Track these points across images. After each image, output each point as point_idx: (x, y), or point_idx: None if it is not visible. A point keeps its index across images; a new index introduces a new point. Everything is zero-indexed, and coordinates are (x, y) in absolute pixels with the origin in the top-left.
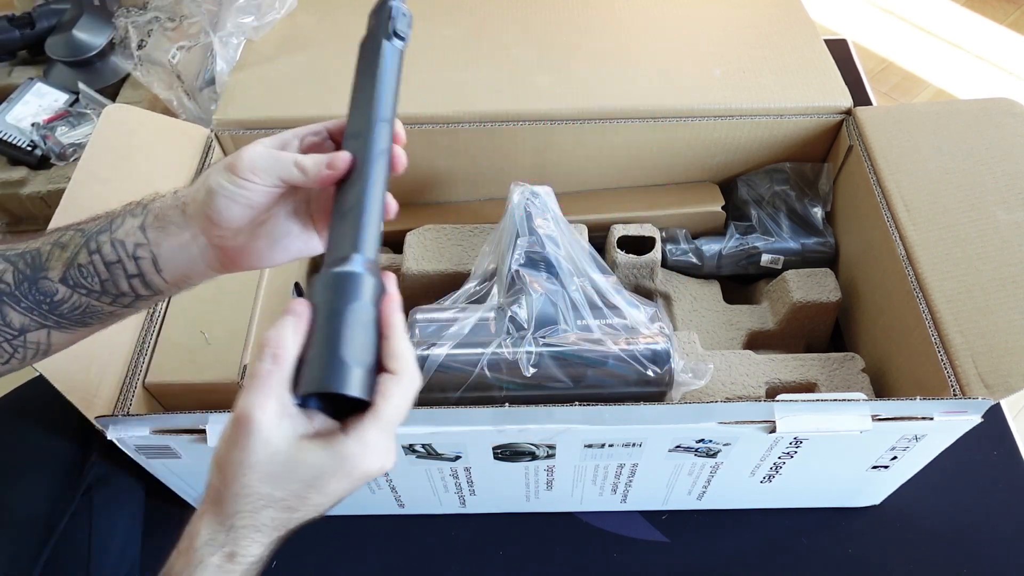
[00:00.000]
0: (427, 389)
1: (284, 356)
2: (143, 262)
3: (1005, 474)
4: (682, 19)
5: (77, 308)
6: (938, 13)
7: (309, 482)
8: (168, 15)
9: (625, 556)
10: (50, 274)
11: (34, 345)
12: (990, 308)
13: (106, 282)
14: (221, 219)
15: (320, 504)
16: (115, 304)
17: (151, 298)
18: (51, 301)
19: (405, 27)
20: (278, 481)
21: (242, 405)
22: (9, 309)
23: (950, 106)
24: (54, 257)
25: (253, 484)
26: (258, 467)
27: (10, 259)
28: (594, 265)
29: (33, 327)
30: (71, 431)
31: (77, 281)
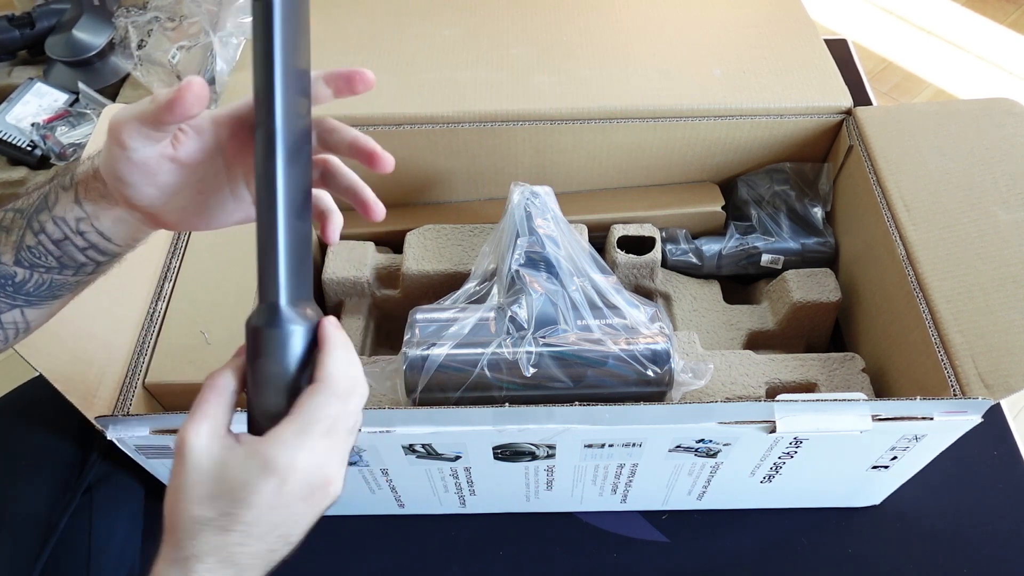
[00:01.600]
0: (427, 389)
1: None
2: (89, 235)
3: (1005, 474)
4: (682, 19)
5: (42, 285)
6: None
7: (235, 495)
8: (168, 15)
9: (625, 556)
10: (3, 258)
11: (12, 325)
12: (990, 308)
13: (61, 258)
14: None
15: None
16: (79, 274)
17: (112, 261)
18: (13, 283)
19: None
20: (207, 500)
21: (179, 435)
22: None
23: (950, 106)
24: (1, 242)
25: (188, 507)
26: (190, 488)
27: None
28: (594, 265)
29: (4, 308)
30: (71, 431)
31: (32, 262)
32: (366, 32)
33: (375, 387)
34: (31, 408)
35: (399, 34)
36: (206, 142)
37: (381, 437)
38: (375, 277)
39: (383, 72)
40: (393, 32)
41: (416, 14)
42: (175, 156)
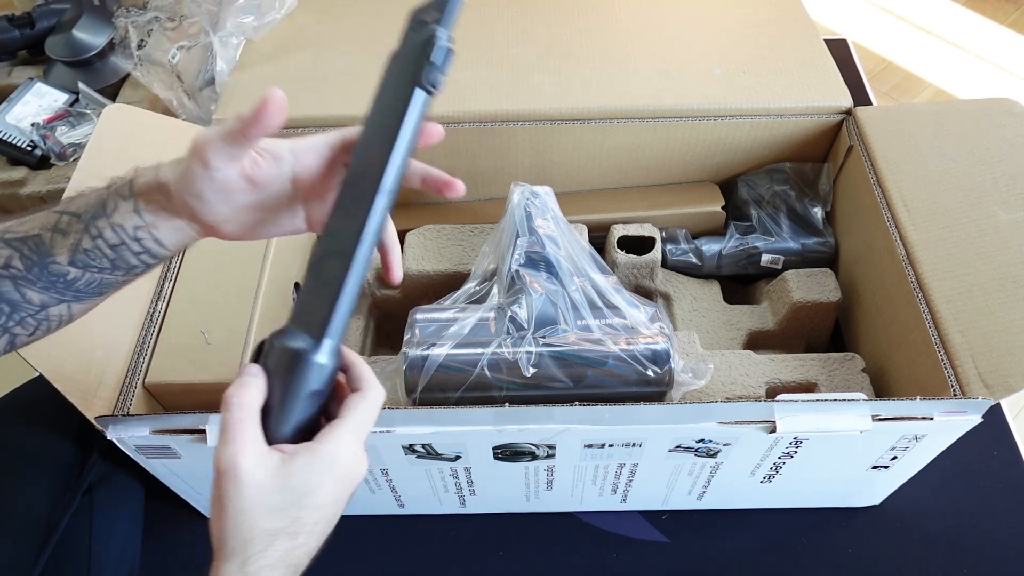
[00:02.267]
0: (427, 389)
1: (251, 406)
2: (145, 242)
3: (1005, 474)
4: (682, 19)
5: (92, 283)
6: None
7: (301, 496)
8: (168, 15)
9: (625, 556)
10: (58, 259)
11: (57, 317)
12: (990, 308)
13: (115, 260)
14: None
15: (316, 520)
16: (128, 275)
17: (160, 263)
18: (65, 280)
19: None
20: (276, 511)
21: (225, 458)
22: (27, 290)
23: (950, 106)
24: (57, 243)
25: (257, 524)
26: (256, 507)
27: (12, 244)
28: (594, 265)
29: (53, 302)
30: (71, 431)
31: (86, 263)
32: (366, 32)
33: None
34: (31, 408)
35: (399, 34)
36: (282, 168)
37: (381, 437)
38: (375, 277)
39: None
40: (393, 32)
41: None
42: (253, 178)
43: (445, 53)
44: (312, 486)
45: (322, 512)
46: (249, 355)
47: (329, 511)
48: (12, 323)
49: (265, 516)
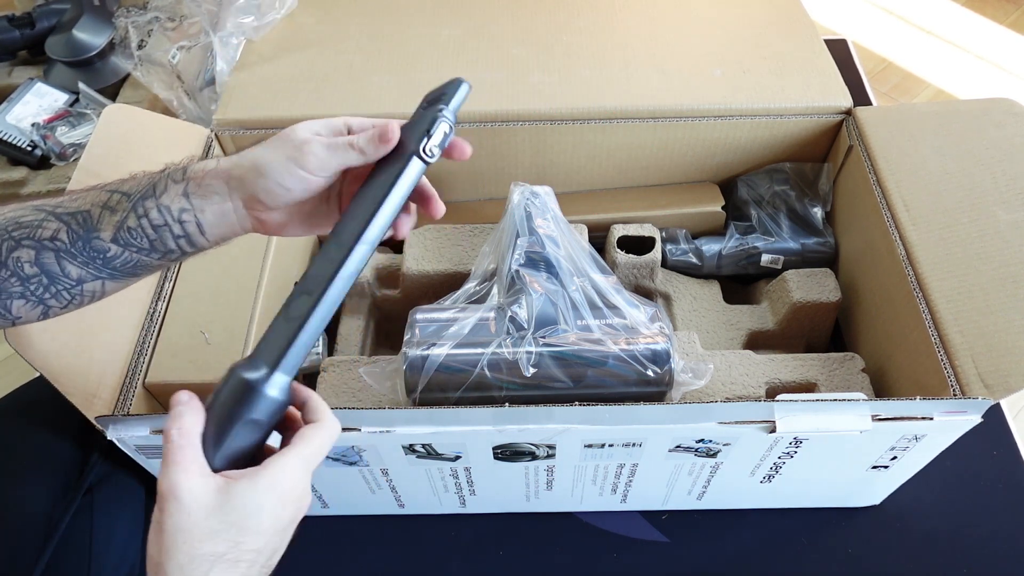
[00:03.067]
0: (427, 389)
1: (189, 431)
2: (188, 225)
3: (1005, 474)
4: (682, 19)
5: (129, 263)
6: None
7: (241, 519)
8: (168, 15)
9: (625, 556)
10: (102, 235)
11: (90, 292)
12: (990, 308)
13: (155, 241)
14: (269, 200)
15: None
16: (163, 259)
17: (195, 253)
18: (104, 257)
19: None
20: (215, 534)
21: (165, 481)
22: (67, 264)
23: (950, 106)
24: (104, 219)
25: (196, 547)
26: (195, 528)
27: (62, 218)
28: (594, 265)
29: (89, 278)
30: (71, 431)
31: (127, 241)
32: (366, 32)
33: (375, 387)
34: (31, 408)
35: (399, 34)
36: None
37: (381, 437)
38: (375, 277)
39: (383, 72)
40: (393, 32)
41: (416, 14)
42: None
43: (444, 133)
44: (252, 509)
45: (264, 539)
46: None
47: (271, 539)
48: (48, 295)
49: (204, 539)
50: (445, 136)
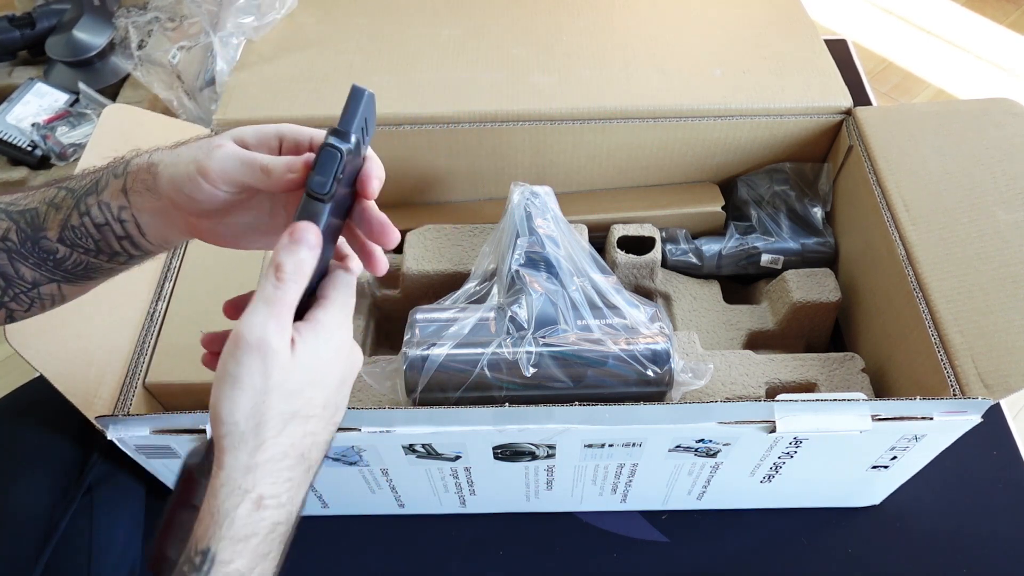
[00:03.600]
0: (427, 389)
1: (302, 284)
2: (128, 225)
3: (1005, 474)
4: (682, 19)
5: (79, 265)
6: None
7: (313, 376)
8: (168, 15)
9: (625, 556)
10: (48, 234)
11: (49, 296)
12: (990, 308)
13: (99, 242)
14: (187, 206)
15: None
16: (112, 262)
17: (143, 257)
18: (54, 259)
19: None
20: (295, 393)
21: (255, 331)
22: (20, 264)
23: (950, 106)
24: (50, 217)
25: (274, 406)
26: (277, 388)
27: (12, 217)
28: (594, 265)
29: (44, 281)
30: (71, 431)
31: (73, 241)
32: (366, 32)
33: (375, 387)
34: (31, 408)
35: (399, 34)
36: None
37: (381, 437)
38: (375, 277)
39: (383, 72)
40: (393, 32)
41: (416, 14)
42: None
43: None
44: (321, 362)
45: (329, 392)
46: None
47: (335, 393)
48: (7, 298)
49: (283, 398)
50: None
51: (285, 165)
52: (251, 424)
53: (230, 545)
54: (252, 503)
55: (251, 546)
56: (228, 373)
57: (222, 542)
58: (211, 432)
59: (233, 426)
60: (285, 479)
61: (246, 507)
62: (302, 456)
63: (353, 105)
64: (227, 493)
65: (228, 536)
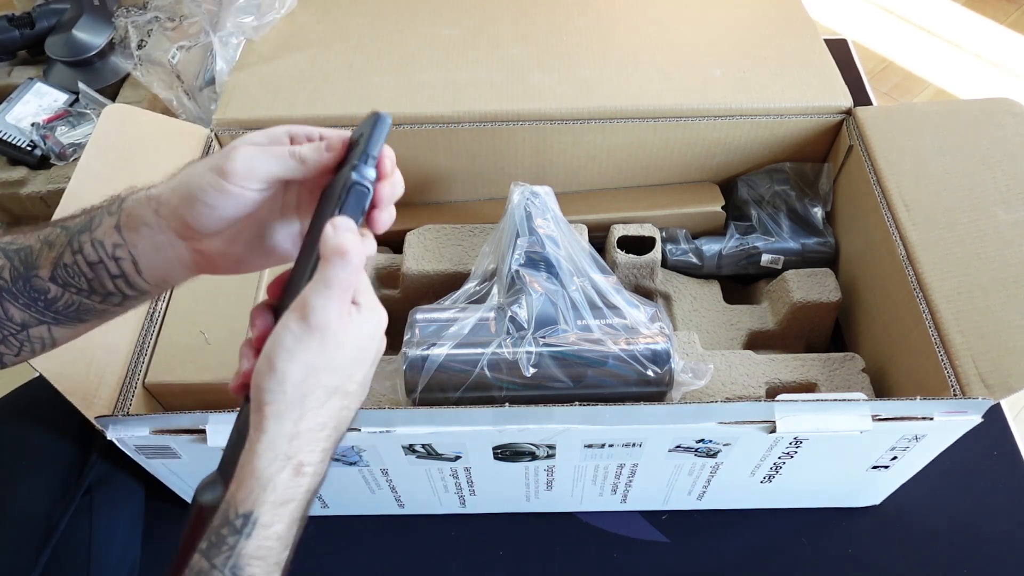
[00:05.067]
0: (427, 389)
1: (359, 269)
2: (123, 263)
3: (1005, 474)
4: (682, 19)
5: (71, 305)
6: (938, 13)
7: (356, 354)
8: (168, 15)
9: (625, 556)
10: (40, 272)
11: (38, 339)
12: (990, 308)
13: (92, 281)
14: (198, 224)
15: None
16: (105, 303)
17: (139, 298)
18: (45, 299)
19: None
20: (339, 367)
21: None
22: (9, 305)
23: (950, 106)
24: (43, 255)
25: (321, 378)
26: (330, 362)
27: (8, 255)
28: (594, 265)
29: (33, 323)
30: (71, 431)
31: (66, 280)
32: (366, 32)
33: (375, 387)
34: (31, 408)
35: (399, 34)
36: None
37: (381, 437)
38: (375, 277)
39: (383, 72)
40: (393, 32)
41: (416, 14)
42: None
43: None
44: (362, 342)
45: (365, 370)
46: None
47: (368, 371)
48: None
49: (330, 373)
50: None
51: (320, 146)
52: (298, 394)
53: (272, 509)
54: (293, 469)
55: (289, 510)
56: (283, 345)
57: (264, 506)
58: (253, 396)
59: (281, 395)
60: (321, 448)
61: (287, 473)
62: (336, 428)
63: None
64: (271, 459)
65: (270, 500)
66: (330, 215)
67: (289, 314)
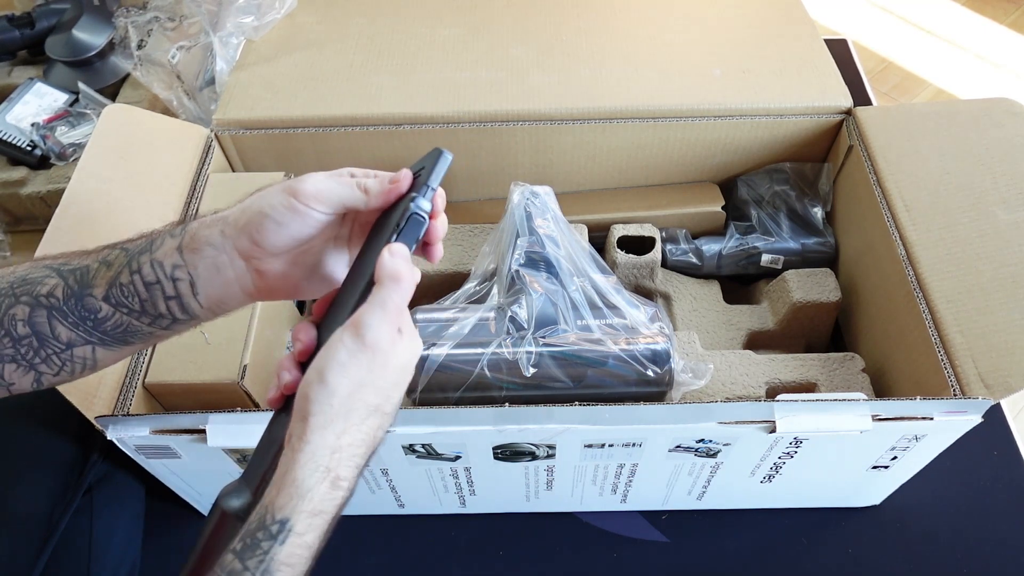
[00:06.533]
0: (427, 389)
1: (410, 294)
2: (180, 284)
3: (1005, 474)
4: (682, 19)
5: (119, 326)
6: (938, 13)
7: (397, 376)
8: (168, 15)
9: (625, 556)
10: (94, 291)
11: (81, 360)
12: (990, 308)
13: (145, 302)
14: (266, 242)
15: (396, 401)
16: (154, 325)
17: (188, 323)
18: (95, 318)
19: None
20: (385, 389)
21: (376, 333)
22: (57, 323)
23: (950, 106)
24: (100, 275)
25: (366, 397)
26: (374, 383)
27: (63, 274)
28: (594, 265)
29: (79, 342)
30: (71, 431)
31: (119, 300)
32: (366, 32)
33: None
34: (31, 408)
35: (399, 34)
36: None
37: None
38: None
39: (383, 72)
40: (393, 32)
41: (416, 14)
42: None
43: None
44: (403, 365)
45: (400, 393)
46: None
47: (402, 396)
48: (38, 359)
49: (374, 392)
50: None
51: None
52: (344, 408)
53: (307, 519)
54: (331, 482)
55: (322, 521)
56: (337, 360)
57: (301, 515)
58: (297, 407)
59: (329, 407)
60: (356, 464)
61: (326, 485)
62: (371, 446)
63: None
64: (312, 469)
65: (307, 510)
66: (387, 241)
67: (343, 331)
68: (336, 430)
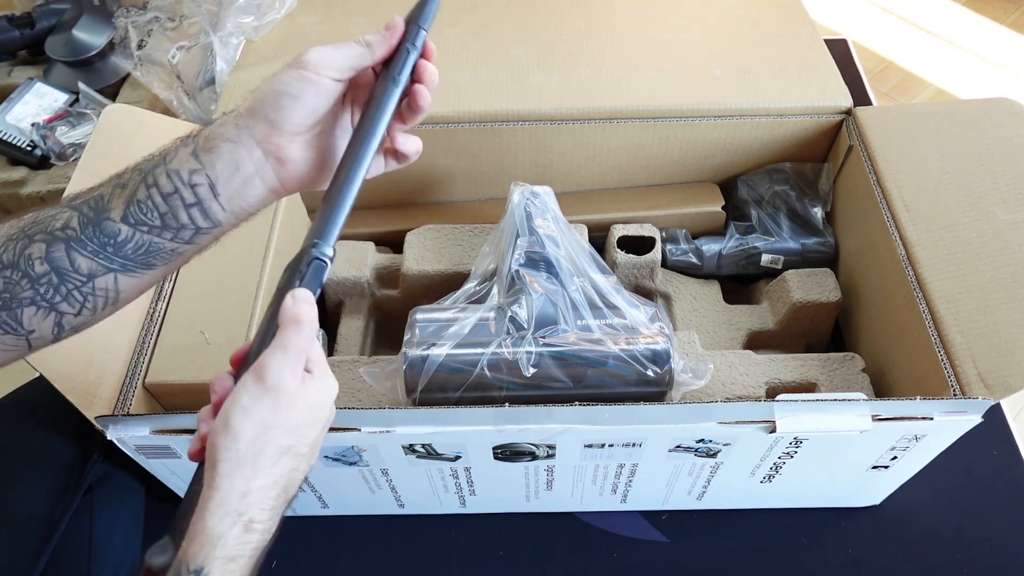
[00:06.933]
0: (427, 389)
1: (312, 335)
2: (200, 188)
3: (1005, 474)
4: (682, 19)
5: (140, 247)
6: (938, 13)
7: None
8: (168, 15)
9: (625, 556)
10: (112, 214)
11: (103, 292)
12: (990, 308)
13: (165, 215)
14: (284, 120)
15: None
16: (176, 240)
17: (211, 232)
18: (115, 242)
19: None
20: (292, 428)
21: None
22: (76, 255)
23: (950, 106)
24: (115, 197)
25: (274, 439)
26: (281, 425)
27: (76, 207)
28: (594, 265)
29: (100, 271)
30: (71, 431)
31: (138, 219)
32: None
33: (375, 387)
34: (31, 408)
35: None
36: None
37: (381, 437)
38: (375, 277)
39: None
40: None
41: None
42: None
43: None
44: (315, 405)
45: (316, 432)
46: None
47: (319, 435)
48: (58, 298)
49: (283, 434)
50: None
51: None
52: (251, 452)
53: (222, 565)
54: (243, 526)
55: (239, 566)
56: (240, 404)
57: (215, 562)
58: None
59: (235, 452)
60: (270, 507)
61: (237, 529)
62: (285, 488)
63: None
64: (222, 515)
65: (221, 556)
66: (291, 287)
67: (246, 375)
68: (245, 475)
